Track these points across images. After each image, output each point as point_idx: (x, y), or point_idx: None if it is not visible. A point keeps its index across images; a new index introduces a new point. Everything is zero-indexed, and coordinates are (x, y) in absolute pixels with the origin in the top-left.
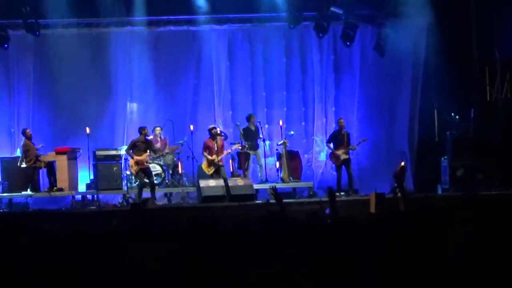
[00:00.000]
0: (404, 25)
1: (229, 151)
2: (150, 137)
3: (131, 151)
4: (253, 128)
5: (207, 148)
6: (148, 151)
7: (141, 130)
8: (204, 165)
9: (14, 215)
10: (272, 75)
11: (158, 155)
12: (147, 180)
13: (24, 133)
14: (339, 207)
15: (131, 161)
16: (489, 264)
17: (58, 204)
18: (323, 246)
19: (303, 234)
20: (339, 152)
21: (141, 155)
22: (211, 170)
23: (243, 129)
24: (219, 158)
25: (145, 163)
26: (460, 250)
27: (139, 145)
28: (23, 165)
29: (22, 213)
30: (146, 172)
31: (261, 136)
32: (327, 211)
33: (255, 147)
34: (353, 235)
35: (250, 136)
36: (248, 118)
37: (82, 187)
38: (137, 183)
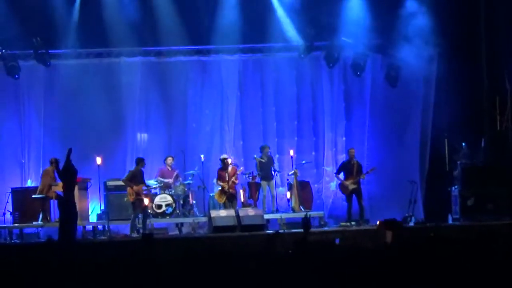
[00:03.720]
0: (415, 55)
1: (236, 176)
2: (161, 167)
3: (129, 182)
4: (266, 158)
5: (219, 177)
6: (143, 181)
7: (139, 161)
8: (216, 194)
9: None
10: (282, 105)
11: (162, 187)
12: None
13: (50, 161)
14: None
15: (129, 190)
16: None
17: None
18: None
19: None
20: (348, 182)
21: (138, 185)
22: (222, 199)
23: (259, 161)
24: (228, 184)
25: (141, 194)
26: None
27: (138, 176)
28: (35, 194)
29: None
30: (142, 203)
31: (275, 166)
32: (337, 241)
33: (269, 177)
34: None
35: (264, 167)
36: (262, 149)
37: (93, 217)
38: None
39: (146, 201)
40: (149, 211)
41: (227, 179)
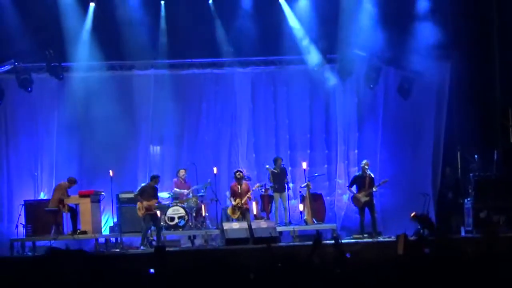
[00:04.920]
0: (428, 67)
1: (250, 193)
2: (174, 179)
3: (139, 196)
4: (278, 170)
5: (232, 192)
6: (156, 197)
7: (152, 177)
8: (229, 210)
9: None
10: (295, 118)
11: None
12: (153, 225)
13: (68, 179)
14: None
15: (139, 204)
16: None
17: (82, 247)
18: None
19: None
20: (360, 195)
21: (149, 200)
22: (236, 215)
23: (271, 172)
24: (243, 201)
25: (153, 209)
26: None
27: (149, 191)
28: (48, 207)
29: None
30: (153, 217)
31: (288, 178)
32: (348, 255)
33: (281, 189)
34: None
35: (277, 179)
36: (275, 161)
37: (105, 230)
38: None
39: (158, 213)
40: (162, 223)
41: (239, 192)
